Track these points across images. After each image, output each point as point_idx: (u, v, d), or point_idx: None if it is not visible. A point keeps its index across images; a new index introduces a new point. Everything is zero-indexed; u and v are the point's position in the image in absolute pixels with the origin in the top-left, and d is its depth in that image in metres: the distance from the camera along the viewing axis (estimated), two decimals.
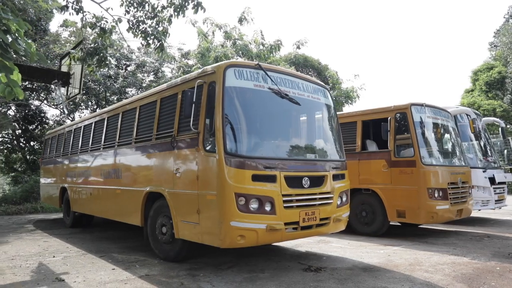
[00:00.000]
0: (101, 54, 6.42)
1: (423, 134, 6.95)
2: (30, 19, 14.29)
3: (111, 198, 6.88)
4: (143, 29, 6.43)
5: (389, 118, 7.14)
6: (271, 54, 21.36)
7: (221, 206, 4.21)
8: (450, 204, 6.93)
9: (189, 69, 20.96)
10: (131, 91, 20.69)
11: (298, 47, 26.17)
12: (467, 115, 9.10)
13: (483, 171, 8.96)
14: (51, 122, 21.03)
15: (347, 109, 22.21)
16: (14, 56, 4.13)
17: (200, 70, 4.94)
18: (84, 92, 19.61)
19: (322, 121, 5.60)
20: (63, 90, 7.38)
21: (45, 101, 20.83)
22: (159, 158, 5.40)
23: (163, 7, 6.23)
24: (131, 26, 6.47)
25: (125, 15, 6.49)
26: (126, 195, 6.21)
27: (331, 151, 5.50)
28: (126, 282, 4.34)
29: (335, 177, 5.20)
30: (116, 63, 21.47)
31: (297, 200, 4.63)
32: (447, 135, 7.88)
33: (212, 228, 4.33)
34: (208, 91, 4.56)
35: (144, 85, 20.56)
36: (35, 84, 18.17)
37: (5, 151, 22.25)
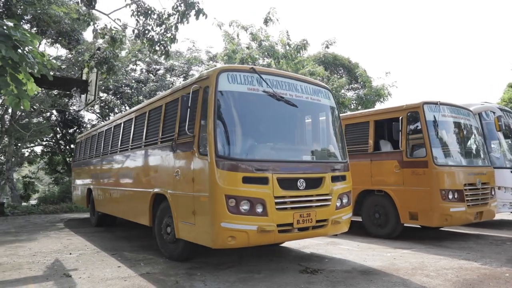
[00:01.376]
0: (110, 63, 6.77)
1: (436, 133, 6.68)
2: (65, 30, 15.23)
3: (125, 198, 7.22)
4: (150, 37, 6.71)
5: (400, 118, 6.94)
6: (298, 54, 21.25)
7: (212, 208, 4.33)
8: (467, 206, 6.62)
9: None
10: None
11: (327, 47, 25.91)
12: (492, 112, 8.62)
13: (511, 171, 8.46)
14: (88, 126, 22.22)
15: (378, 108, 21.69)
16: (29, 70, 4.48)
17: (197, 75, 5.09)
18: (118, 96, 20.58)
19: (322, 122, 5.57)
20: (82, 97, 7.84)
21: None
22: (163, 161, 5.61)
23: (169, 15, 6.47)
24: (137, 34, 6.77)
25: (136, 25, 6.81)
26: (137, 196, 6.50)
27: (331, 153, 5.46)
28: (126, 279, 4.57)
29: (334, 179, 5.15)
30: (146, 68, 22.29)
31: (291, 202, 4.65)
32: (465, 134, 7.52)
33: (205, 229, 4.46)
34: (203, 95, 4.70)
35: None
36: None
37: (49, 154, 23.74)
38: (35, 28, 15.84)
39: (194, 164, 4.70)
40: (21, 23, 16.18)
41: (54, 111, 19.82)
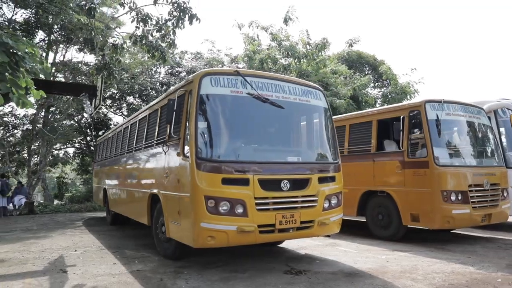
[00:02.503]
0: (110, 69, 7.06)
1: (438, 132, 6.45)
2: (89, 37, 15.96)
3: (129, 198, 7.51)
4: (148, 42, 6.95)
5: (402, 117, 6.77)
6: (320, 53, 21.03)
7: (193, 208, 4.45)
8: (473, 208, 6.36)
9: None
10: None
11: (351, 45, 25.50)
12: (508, 109, 8.20)
13: None
14: None
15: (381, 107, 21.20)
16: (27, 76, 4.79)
17: (185, 80, 5.23)
18: (143, 98, 21.28)
19: (312, 123, 5.56)
20: (90, 102, 8.24)
21: (110, 109, 22.98)
22: (157, 163, 5.80)
23: (166, 20, 6.67)
24: (135, 40, 7.02)
25: (135, 31, 7.08)
26: (138, 196, 6.75)
27: (320, 154, 5.43)
28: (115, 276, 4.77)
29: (322, 180, 5.12)
30: (170, 70, 22.84)
31: (274, 203, 4.69)
32: (473, 133, 7.21)
33: (188, 228, 4.58)
34: (188, 99, 4.83)
35: None
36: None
37: (80, 155, 24.90)
38: (58, 37, 16.81)
39: (180, 165, 4.84)
40: (52, 31, 17.24)
41: (84, 114, 20.80)
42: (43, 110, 18.09)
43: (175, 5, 6.41)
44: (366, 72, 28.75)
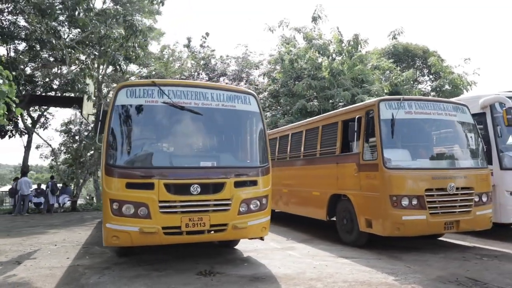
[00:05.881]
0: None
1: (392, 133, 6.05)
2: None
3: None
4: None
5: (357, 117, 6.48)
6: (358, 49, 20.31)
7: (103, 210, 4.88)
8: (431, 214, 5.86)
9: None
10: None
11: (394, 37, 24.18)
12: (500, 103, 7.28)
13: None
14: None
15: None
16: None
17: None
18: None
19: (237, 127, 5.64)
20: (81, 112, 9.13)
21: None
22: None
23: None
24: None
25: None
26: None
27: (240, 158, 5.49)
28: (52, 269, 5.37)
29: (240, 184, 5.20)
30: (211, 75, 23.76)
31: (182, 206, 4.91)
32: (444, 132, 6.60)
33: (103, 228, 5.03)
34: (109, 110, 5.26)
35: None
36: None
37: None
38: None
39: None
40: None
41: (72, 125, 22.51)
42: None
43: None
44: (417, 65, 26.95)
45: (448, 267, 5.17)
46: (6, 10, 10.32)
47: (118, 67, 7.73)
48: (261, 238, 5.75)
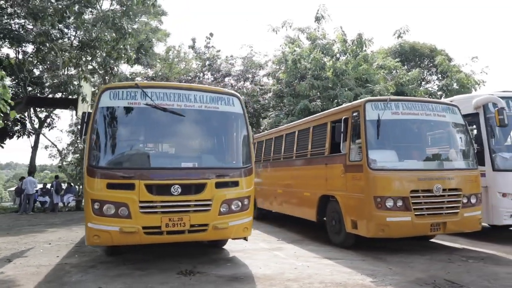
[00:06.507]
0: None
1: (377, 134, 6.02)
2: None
3: None
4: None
5: (343, 118, 6.47)
6: (362, 49, 20.18)
7: (85, 210, 4.98)
8: (416, 215, 5.82)
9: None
10: None
11: (400, 36, 23.92)
12: (493, 103, 7.17)
13: None
14: None
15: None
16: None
17: None
18: None
19: (219, 128, 5.69)
20: (76, 112, 9.29)
21: None
22: None
23: None
24: None
25: None
26: None
27: (222, 159, 5.54)
28: (39, 267, 5.51)
29: (221, 185, 5.25)
30: (215, 75, 23.88)
31: (162, 206, 4.98)
32: (431, 133, 6.54)
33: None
34: (93, 112, 5.37)
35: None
36: None
37: None
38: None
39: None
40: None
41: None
42: None
43: None
44: (424, 64, 26.65)
45: (430, 269, 5.14)
46: (14, 14, 10.62)
47: (109, 69, 7.90)
48: (245, 239, 5.80)
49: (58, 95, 15.66)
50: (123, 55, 7.59)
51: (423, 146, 6.58)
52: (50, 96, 13.92)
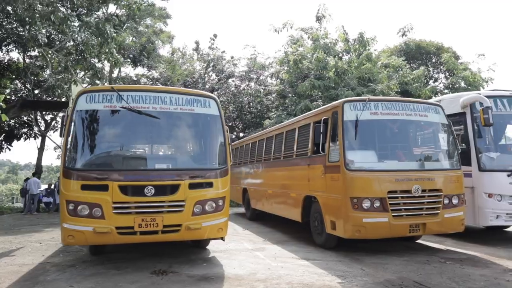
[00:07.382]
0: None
1: (355, 134, 6.00)
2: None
3: None
4: None
5: (323, 119, 6.47)
6: (365, 48, 20.05)
7: (60, 211, 5.12)
8: (394, 216, 5.79)
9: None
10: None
11: (404, 34, 23.68)
12: (480, 103, 7.04)
13: (508, 175, 6.84)
14: None
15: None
16: None
17: None
18: None
19: (195, 130, 5.76)
20: None
21: None
22: None
23: None
24: None
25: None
26: None
27: (197, 160, 5.61)
28: (22, 266, 5.68)
29: (195, 186, 5.32)
30: (219, 76, 24.04)
31: (135, 207, 5.08)
32: (412, 133, 6.48)
33: None
34: (69, 115, 5.51)
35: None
36: None
37: None
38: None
39: None
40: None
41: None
42: None
43: None
44: (431, 62, 26.28)
45: (403, 271, 5.11)
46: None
47: (96, 72, 8.08)
48: (222, 239, 5.86)
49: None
50: (110, 58, 7.76)
51: (403, 147, 6.53)
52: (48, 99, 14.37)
